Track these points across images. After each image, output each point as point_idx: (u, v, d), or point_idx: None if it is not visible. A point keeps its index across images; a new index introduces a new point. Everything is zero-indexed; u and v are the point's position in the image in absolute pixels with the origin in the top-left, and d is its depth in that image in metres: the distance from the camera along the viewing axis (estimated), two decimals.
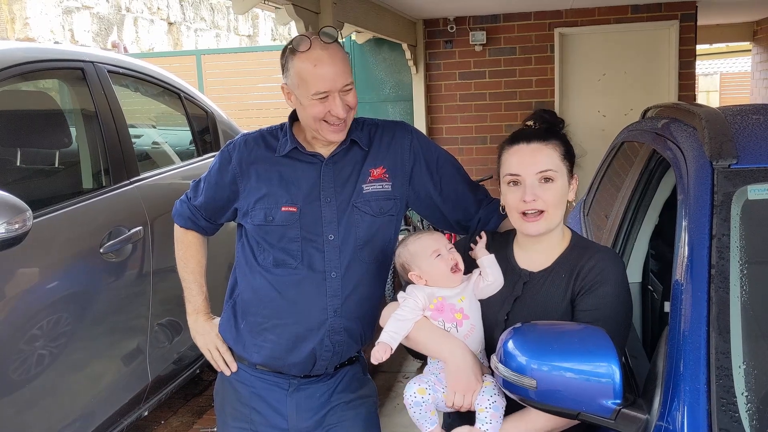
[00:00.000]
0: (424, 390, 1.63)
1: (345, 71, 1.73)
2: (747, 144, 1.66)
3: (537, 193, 1.59)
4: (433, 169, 1.91)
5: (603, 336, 1.38)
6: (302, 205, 1.81)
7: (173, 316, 3.22)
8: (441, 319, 1.67)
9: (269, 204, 1.82)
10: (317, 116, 1.74)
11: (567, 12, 6.69)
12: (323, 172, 1.83)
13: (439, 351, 1.65)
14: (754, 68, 9.55)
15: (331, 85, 1.70)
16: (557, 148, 1.63)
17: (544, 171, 1.60)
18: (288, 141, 1.84)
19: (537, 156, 1.61)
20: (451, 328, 1.66)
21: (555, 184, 1.60)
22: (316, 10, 4.44)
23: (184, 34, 11.80)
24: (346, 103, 1.74)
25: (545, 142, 1.62)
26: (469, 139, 7.09)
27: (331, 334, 1.86)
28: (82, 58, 2.93)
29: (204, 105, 3.88)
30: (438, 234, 1.78)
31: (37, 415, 2.42)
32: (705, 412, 1.25)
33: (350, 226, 1.83)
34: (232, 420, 1.96)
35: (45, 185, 2.98)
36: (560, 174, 1.61)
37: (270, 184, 1.82)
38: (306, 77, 1.71)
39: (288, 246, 1.82)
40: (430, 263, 1.70)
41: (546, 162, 1.60)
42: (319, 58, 1.69)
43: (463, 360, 1.61)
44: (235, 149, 1.88)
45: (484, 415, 1.57)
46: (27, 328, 2.35)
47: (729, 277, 1.40)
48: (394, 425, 3.65)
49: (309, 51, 1.70)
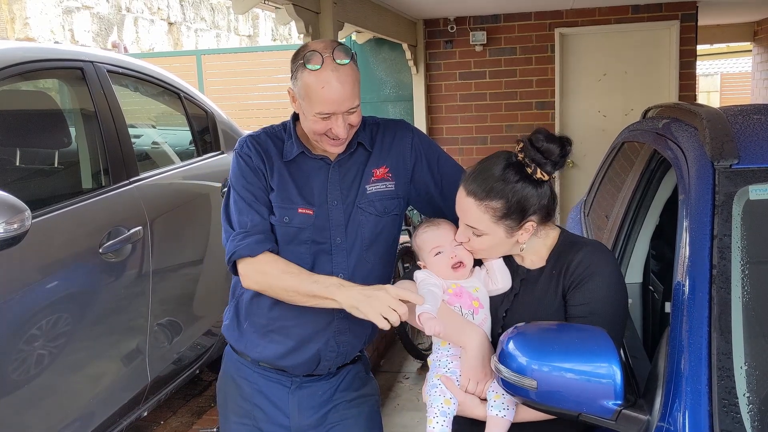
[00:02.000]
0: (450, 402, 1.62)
1: (353, 95, 1.68)
2: (748, 144, 1.65)
3: (468, 236, 1.64)
4: (434, 167, 1.91)
5: (604, 336, 1.38)
6: (316, 208, 1.79)
7: (173, 317, 3.21)
8: (459, 304, 1.66)
9: (285, 204, 1.78)
10: (318, 132, 1.72)
11: (567, 12, 6.68)
12: (330, 175, 1.82)
13: (459, 335, 1.62)
14: (754, 68, 9.55)
15: (336, 108, 1.67)
16: (490, 211, 1.58)
17: (470, 226, 1.62)
18: (294, 145, 1.82)
19: (467, 212, 1.62)
20: (468, 315, 1.65)
21: (485, 237, 1.62)
22: (316, 10, 4.43)
23: (185, 34, 11.79)
24: (349, 122, 1.72)
25: (479, 201, 1.59)
26: (469, 140, 7.09)
27: (336, 334, 1.86)
28: (81, 58, 2.92)
29: (204, 105, 3.87)
30: (445, 227, 1.75)
31: (37, 416, 2.41)
32: (706, 413, 1.25)
33: (356, 227, 1.82)
34: (235, 416, 1.96)
35: (44, 185, 2.98)
36: (490, 231, 1.60)
37: (283, 185, 1.80)
38: (311, 96, 1.67)
39: (297, 248, 1.79)
40: (431, 260, 1.71)
41: (473, 220, 1.62)
42: (327, 81, 1.65)
43: (481, 347, 1.60)
44: (250, 148, 1.82)
45: (500, 401, 1.56)
46: (26, 328, 2.35)
47: (730, 278, 1.40)
48: (394, 425, 3.65)
49: (319, 71, 1.65)
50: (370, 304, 1.59)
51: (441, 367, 1.67)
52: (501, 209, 1.57)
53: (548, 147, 1.56)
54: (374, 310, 1.58)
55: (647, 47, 6.62)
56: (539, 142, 1.56)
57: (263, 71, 8.89)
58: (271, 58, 8.99)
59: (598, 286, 1.56)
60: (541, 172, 1.57)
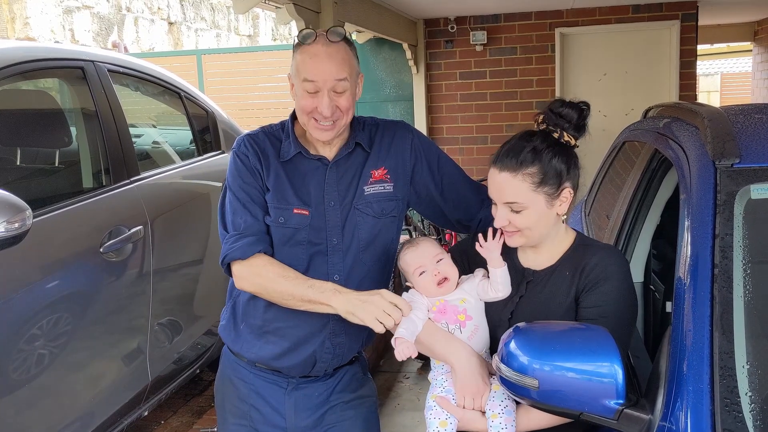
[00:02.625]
0: (446, 423, 1.61)
1: (340, 69, 1.71)
2: (749, 143, 1.65)
3: (507, 217, 1.60)
4: (434, 168, 1.90)
5: (605, 336, 1.38)
6: (312, 208, 1.79)
7: (173, 316, 3.21)
8: (444, 321, 1.66)
9: (281, 205, 1.78)
10: (305, 109, 1.73)
11: (568, 12, 6.68)
12: (327, 175, 1.81)
13: (444, 355, 1.64)
14: (754, 68, 9.55)
15: (320, 76, 1.70)
16: (528, 179, 1.57)
17: (510, 203, 1.59)
18: (291, 144, 1.81)
19: (505, 187, 1.59)
20: (455, 330, 1.65)
21: (526, 212, 1.59)
22: (317, 9, 4.44)
23: (185, 34, 11.80)
24: (336, 104, 1.72)
25: (514, 172, 1.58)
26: (469, 139, 7.09)
27: (332, 336, 1.85)
28: (82, 57, 2.92)
29: (204, 104, 3.87)
30: (424, 245, 1.75)
31: (38, 415, 2.41)
32: (708, 412, 1.25)
33: (352, 228, 1.81)
34: (232, 417, 1.95)
35: (45, 184, 2.98)
36: (531, 203, 1.58)
37: (279, 185, 1.79)
38: (300, 65, 1.73)
39: (292, 249, 1.79)
40: (416, 280, 1.71)
41: (512, 195, 1.59)
42: (316, 53, 1.71)
43: (468, 363, 1.60)
44: (248, 148, 1.82)
45: (498, 422, 1.55)
46: (28, 327, 2.35)
47: (732, 277, 1.40)
48: (394, 425, 3.65)
49: (311, 45, 1.72)
50: (365, 309, 1.61)
51: (437, 386, 1.67)
52: (538, 174, 1.57)
53: (567, 111, 1.61)
54: (370, 315, 1.60)
55: (648, 47, 6.62)
56: (558, 108, 1.62)
57: (263, 71, 8.89)
58: (272, 58, 9.00)
59: (612, 289, 1.56)
60: (568, 135, 1.61)
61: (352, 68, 1.75)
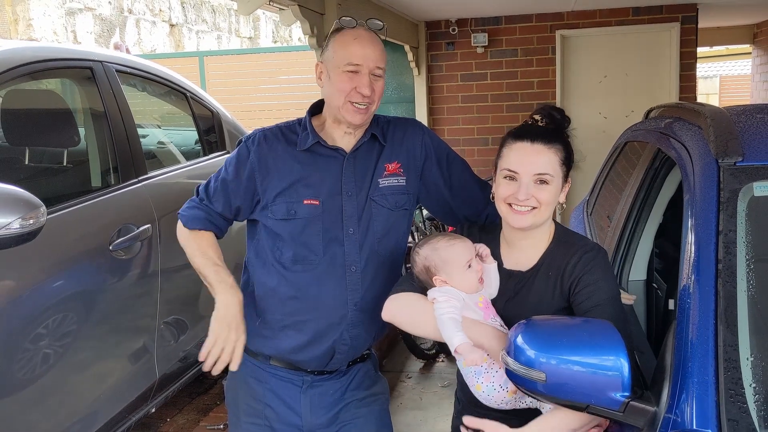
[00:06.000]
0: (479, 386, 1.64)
1: (380, 57, 1.80)
2: (752, 142, 1.68)
3: (531, 192, 1.61)
4: (444, 165, 1.94)
5: (611, 329, 1.40)
6: (324, 199, 1.82)
7: (180, 314, 3.24)
8: (492, 315, 1.66)
9: (291, 198, 1.81)
10: (343, 90, 1.77)
11: (568, 14, 6.71)
12: (345, 166, 1.84)
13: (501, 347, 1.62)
14: (754, 71, 9.58)
15: (364, 60, 1.77)
16: (558, 153, 1.63)
17: (541, 174, 1.62)
18: (309, 135, 1.84)
19: (538, 158, 1.62)
20: (495, 322, 1.65)
21: (549, 187, 1.63)
22: (321, 11, 4.47)
23: (186, 36, 11.82)
24: (374, 86, 1.79)
25: (548, 144, 1.63)
26: (470, 141, 7.11)
27: (349, 327, 1.88)
28: (90, 58, 2.95)
29: (210, 105, 3.90)
30: (465, 239, 1.71)
31: (47, 412, 2.44)
32: (714, 403, 1.27)
33: (369, 219, 1.85)
34: (246, 416, 1.96)
35: (54, 183, 3.00)
36: (556, 178, 1.63)
37: (291, 178, 1.82)
38: (342, 48, 1.78)
39: (309, 240, 1.82)
40: (463, 273, 1.65)
41: (545, 165, 1.62)
42: (360, 35, 1.79)
43: None
44: (254, 143, 1.86)
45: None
46: (38, 324, 2.37)
47: (736, 272, 1.42)
48: (396, 424, 3.67)
49: (354, 29, 1.79)
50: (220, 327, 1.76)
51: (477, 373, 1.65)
52: (562, 152, 1.65)
53: (550, 113, 1.69)
54: (214, 334, 1.76)
55: (648, 49, 6.65)
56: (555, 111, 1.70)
57: (265, 73, 8.92)
58: (273, 60, 9.03)
59: (598, 278, 1.61)
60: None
61: (385, 62, 1.83)
